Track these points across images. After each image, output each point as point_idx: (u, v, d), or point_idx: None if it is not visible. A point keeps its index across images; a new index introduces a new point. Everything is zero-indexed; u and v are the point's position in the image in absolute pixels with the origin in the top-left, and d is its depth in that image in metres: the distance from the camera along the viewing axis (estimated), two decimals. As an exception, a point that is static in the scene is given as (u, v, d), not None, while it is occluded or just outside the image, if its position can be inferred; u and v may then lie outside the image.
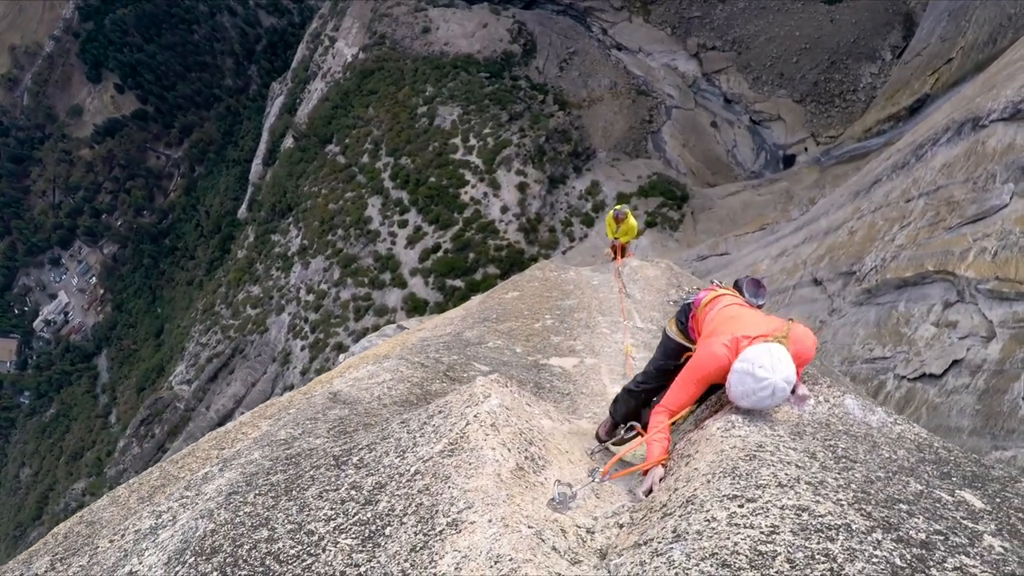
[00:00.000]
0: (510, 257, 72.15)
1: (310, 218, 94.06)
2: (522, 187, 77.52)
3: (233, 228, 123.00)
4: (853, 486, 3.44)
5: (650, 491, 4.39)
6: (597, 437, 6.13)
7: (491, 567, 3.27)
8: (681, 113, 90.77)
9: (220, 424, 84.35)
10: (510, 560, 3.29)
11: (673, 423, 4.88)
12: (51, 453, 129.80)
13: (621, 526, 4.03)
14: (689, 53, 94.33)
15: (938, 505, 3.41)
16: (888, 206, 27.37)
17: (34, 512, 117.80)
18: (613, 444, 5.81)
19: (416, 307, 71.44)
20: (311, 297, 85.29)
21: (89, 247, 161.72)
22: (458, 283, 72.27)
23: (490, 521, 3.57)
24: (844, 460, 3.86)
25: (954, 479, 3.87)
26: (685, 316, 5.51)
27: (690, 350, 5.20)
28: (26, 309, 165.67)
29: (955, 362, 17.64)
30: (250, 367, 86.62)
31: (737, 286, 5.59)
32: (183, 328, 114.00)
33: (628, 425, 5.63)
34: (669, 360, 5.51)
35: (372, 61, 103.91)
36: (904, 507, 3.27)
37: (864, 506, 3.20)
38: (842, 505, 3.19)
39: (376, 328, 53.66)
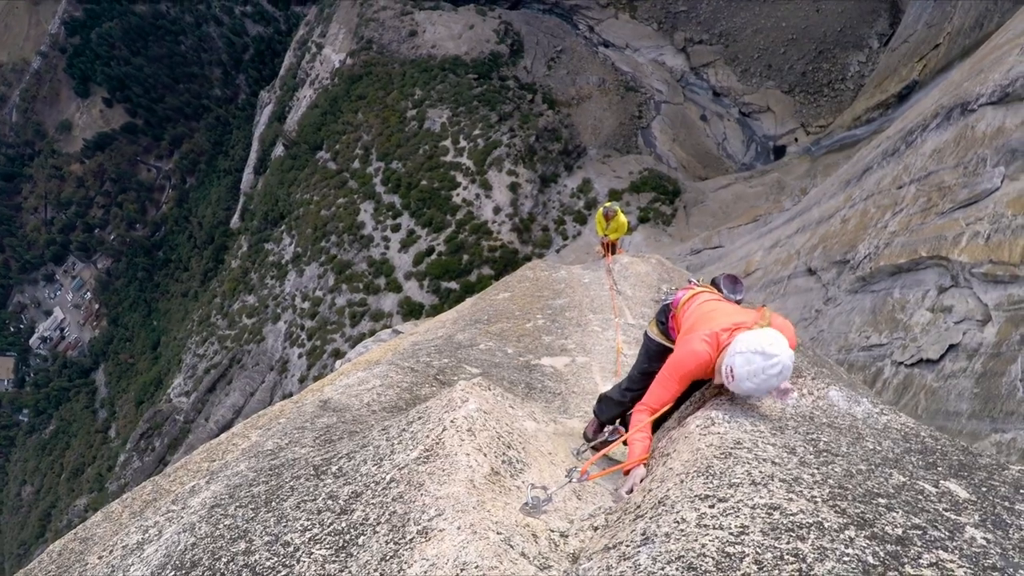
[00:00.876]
0: (504, 257, 72.10)
1: (303, 225, 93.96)
2: (514, 187, 77.46)
3: (226, 238, 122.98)
4: (831, 481, 3.38)
5: (631, 491, 4.33)
6: (585, 436, 6.09)
7: (458, 574, 3.21)
8: (670, 108, 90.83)
9: (220, 434, 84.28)
10: (475, 568, 3.25)
11: (656, 420, 4.83)
12: (52, 470, 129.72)
13: (596, 529, 3.99)
14: (676, 48, 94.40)
15: (920, 497, 3.35)
16: (880, 193, 27.34)
17: (37, 530, 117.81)
18: (597, 446, 5.77)
19: (412, 311, 71.38)
20: (307, 304, 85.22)
21: (83, 262, 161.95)
22: (453, 285, 72.24)
23: (459, 528, 3.53)
24: (825, 454, 3.81)
25: (939, 469, 3.82)
26: (665, 316, 5.52)
27: (672, 351, 5.13)
28: (22, 327, 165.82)
29: (952, 346, 17.61)
30: (248, 377, 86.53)
31: (715, 283, 5.58)
32: (180, 340, 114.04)
33: (612, 427, 5.58)
34: (653, 363, 5.44)
35: (360, 66, 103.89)
36: (883, 501, 3.20)
37: (839, 502, 3.14)
38: (816, 502, 3.13)
39: (372, 333, 53.69)
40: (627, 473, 4.56)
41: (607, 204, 18.91)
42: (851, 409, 4.67)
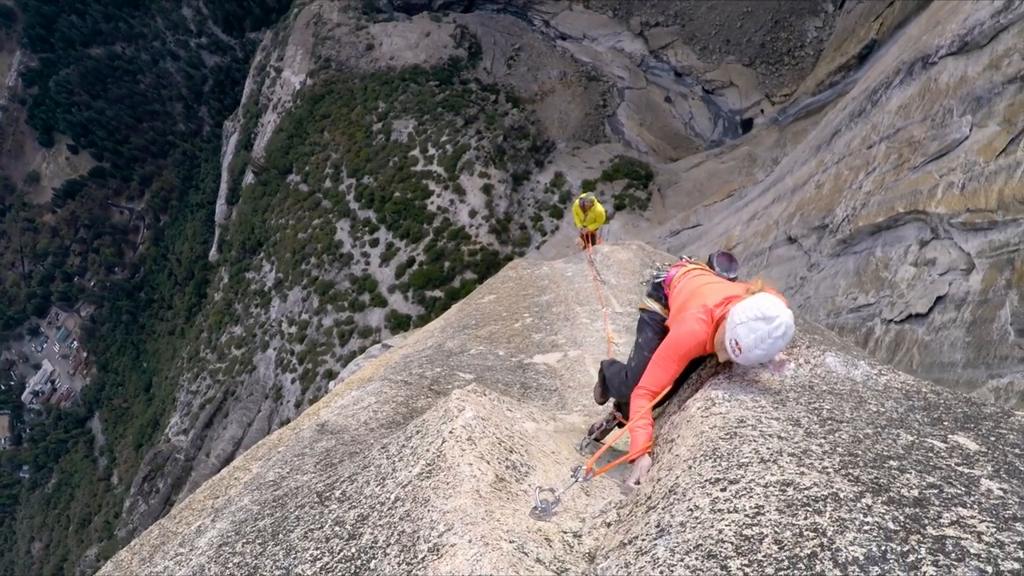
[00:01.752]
0: (485, 260, 72.04)
1: (281, 250, 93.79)
2: (487, 189, 77.39)
3: (206, 272, 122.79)
4: (840, 449, 3.34)
5: (639, 482, 4.28)
6: (590, 430, 6.04)
7: None
8: (634, 93, 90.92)
9: (222, 468, 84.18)
10: None
11: (656, 406, 4.78)
12: (59, 523, 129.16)
13: (609, 525, 3.93)
14: (633, 33, 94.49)
15: (931, 455, 3.32)
16: (851, 155, 27.44)
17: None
18: (599, 437, 5.72)
19: (399, 323, 71.27)
20: (294, 329, 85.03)
21: (66, 312, 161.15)
22: (437, 293, 72.14)
23: (470, 541, 3.45)
24: (830, 422, 3.77)
25: (946, 423, 3.78)
26: (659, 293, 5.41)
27: None
28: (12, 383, 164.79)
29: (939, 298, 17.67)
30: (244, 408, 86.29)
31: (709, 262, 5.51)
32: (171, 379, 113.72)
33: (611, 415, 5.53)
34: (660, 338, 5.23)
35: (321, 85, 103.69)
36: (894, 463, 3.17)
37: (851, 470, 3.09)
38: (828, 473, 3.09)
39: (363, 350, 53.54)
40: (632, 463, 4.50)
41: (582, 195, 18.92)
42: (849, 373, 4.62)
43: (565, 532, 3.91)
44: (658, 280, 5.47)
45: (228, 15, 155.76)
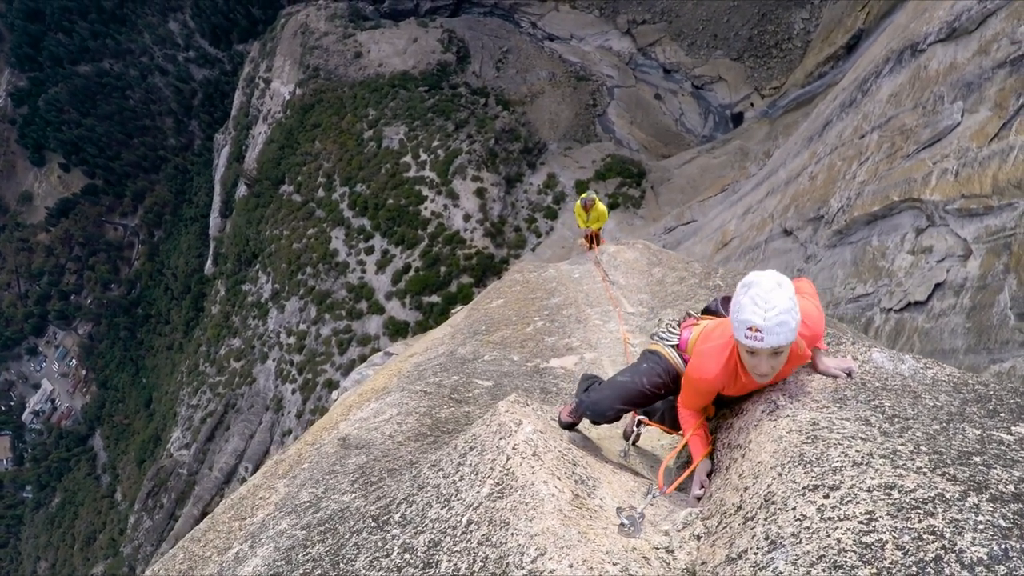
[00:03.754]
0: (481, 264, 72.05)
1: (277, 261, 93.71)
2: (480, 192, 77.34)
3: (202, 285, 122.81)
4: (923, 448, 3.28)
5: (702, 488, 4.28)
6: (624, 435, 5.92)
7: None
8: (623, 91, 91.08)
9: (226, 482, 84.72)
10: None
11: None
12: (64, 542, 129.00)
13: (698, 538, 3.80)
14: (620, 31, 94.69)
15: (1003, 448, 3.29)
16: (843, 145, 27.43)
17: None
18: (634, 443, 5.69)
19: (397, 330, 71.19)
20: (292, 339, 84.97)
21: (63, 330, 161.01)
22: (434, 299, 72.07)
23: (571, 566, 3.29)
24: (897, 419, 3.72)
25: (1002, 415, 3.75)
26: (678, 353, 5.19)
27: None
28: (12, 404, 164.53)
29: (937, 285, 17.63)
30: (245, 420, 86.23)
31: (708, 310, 5.38)
32: (171, 394, 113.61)
33: (637, 420, 5.44)
34: (661, 378, 4.95)
35: (310, 95, 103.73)
36: (978, 459, 3.13)
37: (945, 469, 3.05)
38: (924, 473, 3.04)
39: (363, 359, 53.41)
40: (694, 469, 4.41)
41: (584, 195, 18.73)
42: (897, 368, 4.58)
43: (657, 548, 3.79)
44: (671, 343, 5.11)
45: (215, 28, 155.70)
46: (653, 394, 4.89)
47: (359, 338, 75.98)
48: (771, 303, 3.68)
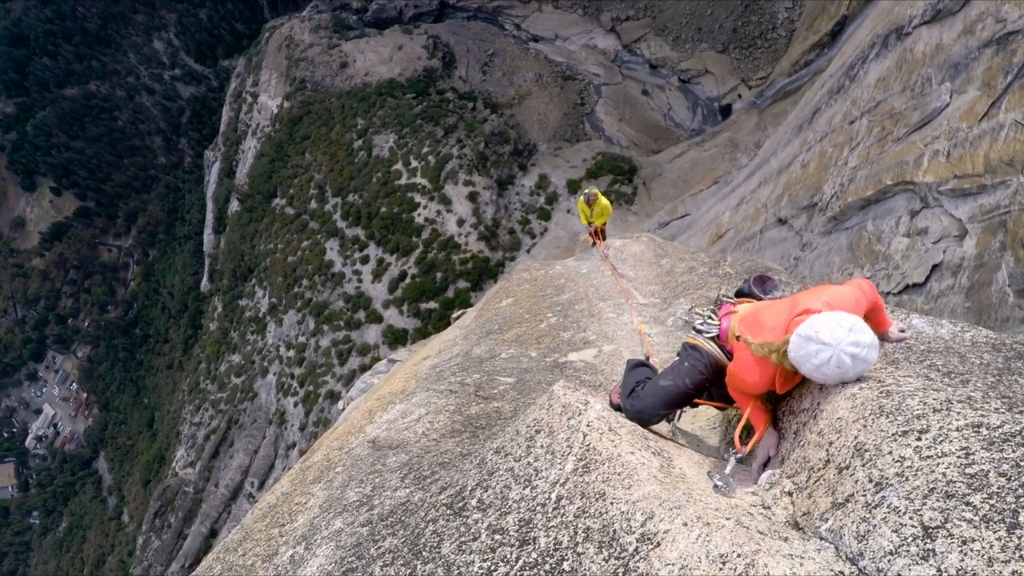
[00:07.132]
0: (477, 268, 72.13)
1: (272, 275, 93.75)
2: (472, 196, 77.39)
3: (199, 303, 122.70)
4: (991, 394, 3.47)
5: (767, 456, 4.30)
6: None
7: (720, 569, 3.00)
8: (611, 89, 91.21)
9: (233, 498, 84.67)
10: (738, 556, 3.00)
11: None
12: (73, 567, 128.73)
13: (790, 494, 3.80)
14: (605, 29, 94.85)
15: None
16: (833, 132, 27.50)
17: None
18: (678, 424, 5.76)
19: (396, 338, 71.24)
20: (292, 352, 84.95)
21: (62, 354, 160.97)
22: (432, 305, 72.14)
23: (685, 524, 3.29)
24: (953, 375, 3.93)
25: None
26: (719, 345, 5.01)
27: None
28: (15, 430, 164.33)
29: (935, 267, 17.67)
30: (249, 435, 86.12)
31: (741, 292, 5.29)
32: (173, 412, 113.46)
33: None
34: (701, 374, 4.91)
35: (298, 107, 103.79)
36: None
37: (1021, 408, 3.26)
38: (1003, 412, 3.18)
39: (363, 368, 53.35)
40: (760, 439, 4.40)
41: (585, 191, 18.65)
42: (937, 332, 4.78)
43: (754, 505, 3.81)
44: (711, 335, 5.00)
45: (200, 45, 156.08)
46: (697, 391, 4.89)
47: (359, 348, 75.97)
48: (813, 370, 3.71)
